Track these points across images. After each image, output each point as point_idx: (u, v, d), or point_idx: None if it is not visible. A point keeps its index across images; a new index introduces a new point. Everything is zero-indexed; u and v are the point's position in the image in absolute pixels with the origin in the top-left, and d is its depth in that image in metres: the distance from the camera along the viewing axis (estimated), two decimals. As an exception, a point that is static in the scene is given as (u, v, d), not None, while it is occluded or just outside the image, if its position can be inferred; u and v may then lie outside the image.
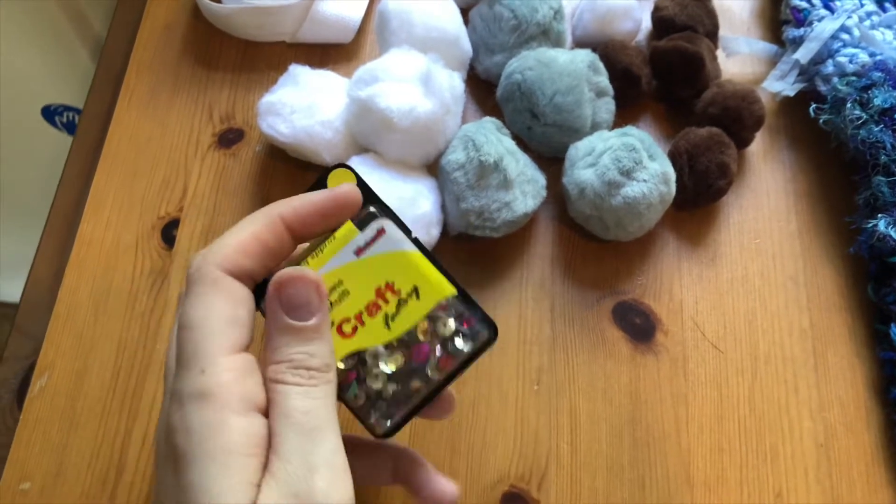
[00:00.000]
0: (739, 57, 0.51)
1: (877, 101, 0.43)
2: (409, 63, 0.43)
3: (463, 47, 0.48)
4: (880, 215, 0.42)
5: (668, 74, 0.48)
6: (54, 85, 0.62)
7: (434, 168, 0.44)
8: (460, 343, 0.29)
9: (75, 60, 0.61)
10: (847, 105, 0.44)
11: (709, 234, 0.46)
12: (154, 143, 0.48)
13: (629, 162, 0.41)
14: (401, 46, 0.45)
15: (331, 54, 0.51)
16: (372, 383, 0.29)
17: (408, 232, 0.30)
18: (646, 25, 0.51)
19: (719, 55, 0.49)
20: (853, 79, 0.45)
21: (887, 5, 0.49)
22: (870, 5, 0.48)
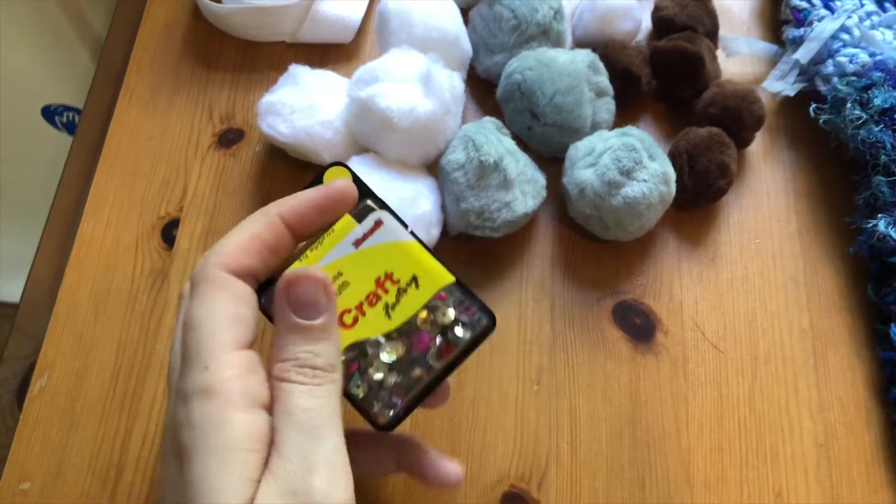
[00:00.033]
0: (739, 57, 0.51)
1: (877, 101, 0.43)
2: (409, 63, 0.43)
3: (463, 47, 0.48)
4: (880, 215, 0.42)
5: (668, 74, 0.48)
6: (54, 85, 0.62)
7: (434, 168, 0.44)
8: (460, 331, 0.30)
9: (75, 60, 0.61)
10: (847, 105, 0.44)
11: (709, 234, 0.46)
12: (154, 143, 0.48)
13: (629, 162, 0.41)
14: (401, 46, 0.45)
15: (331, 54, 0.51)
16: (373, 373, 0.29)
17: (404, 225, 0.30)
18: (646, 25, 0.51)
19: (719, 55, 0.49)
20: (853, 79, 0.45)
21: (887, 5, 0.49)
22: (870, 5, 0.48)
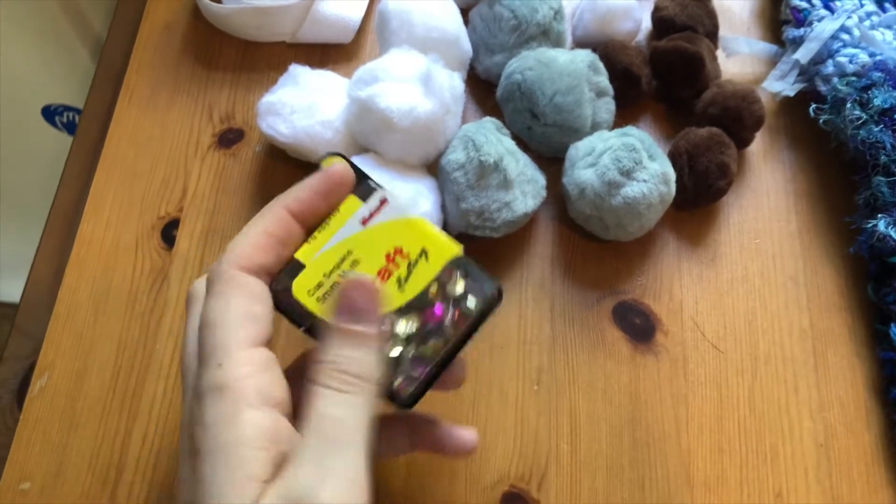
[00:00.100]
0: (739, 57, 0.51)
1: (877, 101, 0.43)
2: (409, 63, 0.43)
3: (463, 47, 0.48)
4: (880, 215, 0.42)
5: (668, 74, 0.48)
6: (54, 85, 0.62)
7: (434, 168, 0.44)
8: (472, 300, 0.30)
9: (75, 60, 0.61)
10: (847, 105, 0.44)
11: (709, 235, 0.46)
12: (154, 142, 0.48)
13: (629, 162, 0.41)
14: (401, 46, 0.45)
15: (331, 54, 0.51)
16: (392, 348, 0.29)
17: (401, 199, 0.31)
18: (646, 25, 0.51)
19: (719, 55, 0.49)
20: (853, 79, 0.45)
21: (887, 5, 0.49)
22: (870, 5, 0.48)
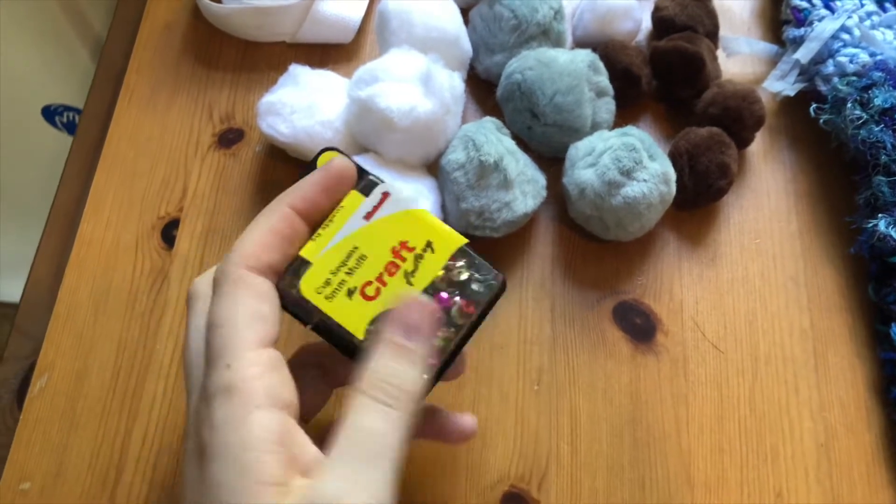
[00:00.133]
0: (740, 57, 0.51)
1: (877, 100, 0.43)
2: (410, 63, 0.43)
3: (463, 47, 0.47)
4: (881, 215, 0.42)
5: (668, 74, 0.48)
6: (54, 85, 0.62)
7: (434, 168, 0.44)
8: (478, 288, 0.30)
9: (75, 60, 0.61)
10: (847, 105, 0.44)
11: (709, 235, 0.46)
12: (154, 142, 0.48)
13: (629, 162, 0.41)
14: (401, 46, 0.45)
15: (331, 54, 0.51)
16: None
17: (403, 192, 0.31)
18: (646, 25, 0.51)
19: (719, 55, 0.49)
20: (854, 79, 0.45)
21: (887, 5, 0.48)
22: (870, 5, 0.48)
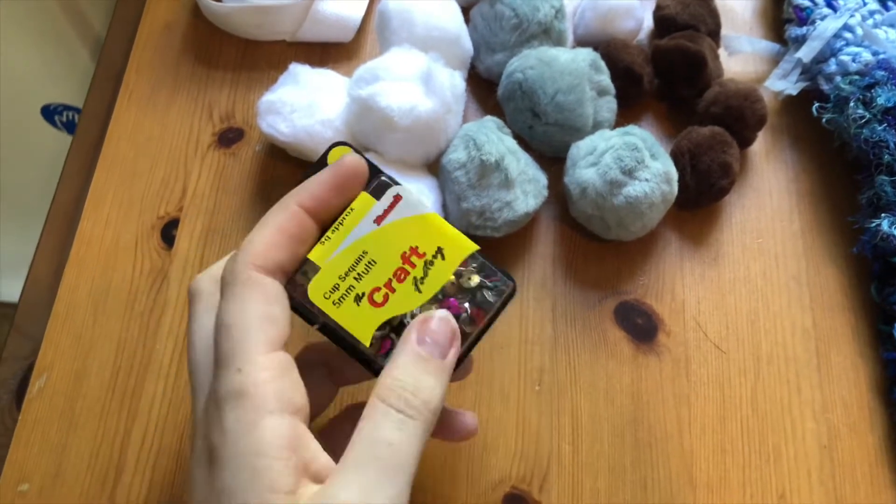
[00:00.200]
0: (742, 56, 0.51)
1: (880, 99, 0.42)
2: (410, 62, 0.43)
3: (464, 46, 0.47)
4: (883, 215, 0.42)
5: (670, 73, 0.47)
6: (54, 84, 0.62)
7: (435, 167, 0.44)
8: (488, 296, 0.30)
9: (75, 59, 0.61)
10: (850, 104, 0.43)
11: (711, 234, 0.46)
12: (153, 142, 0.48)
13: (631, 161, 0.41)
14: (401, 45, 0.45)
15: (331, 53, 0.51)
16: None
17: (416, 196, 0.31)
18: (647, 24, 0.51)
19: (721, 54, 0.49)
20: (856, 78, 0.44)
21: (890, 4, 0.48)
22: (872, 4, 0.48)
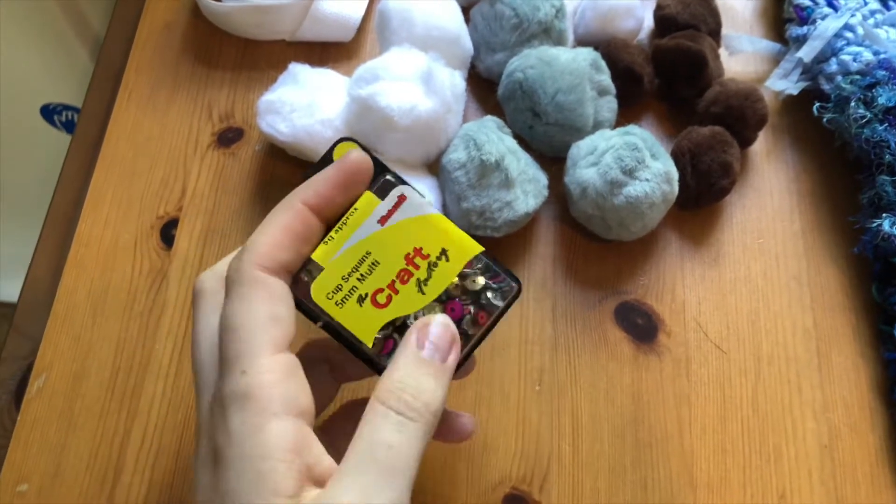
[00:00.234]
0: (742, 55, 0.51)
1: (881, 99, 0.42)
2: (410, 61, 0.43)
3: (464, 46, 0.47)
4: (885, 215, 0.42)
5: (670, 73, 0.47)
6: (53, 84, 0.62)
7: (435, 167, 0.44)
8: (493, 297, 0.30)
9: (74, 59, 0.61)
10: (851, 104, 0.43)
11: (712, 234, 0.46)
12: (153, 142, 0.48)
13: (631, 161, 0.41)
14: (401, 45, 0.44)
15: (331, 53, 0.51)
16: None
17: (421, 196, 0.30)
18: (648, 24, 0.51)
19: (722, 53, 0.49)
20: (857, 77, 0.44)
21: (891, 3, 0.48)
22: (873, 3, 0.48)
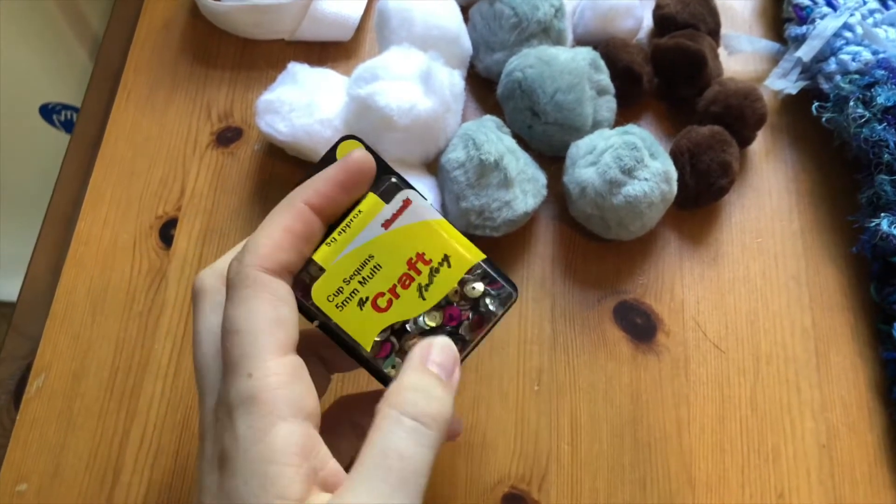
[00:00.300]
0: (741, 55, 0.51)
1: (880, 99, 0.42)
2: (409, 61, 0.43)
3: (463, 45, 0.47)
4: (883, 214, 0.42)
5: (669, 72, 0.47)
6: (52, 83, 0.62)
7: (434, 167, 0.44)
8: (491, 304, 0.30)
9: (73, 59, 0.61)
10: (850, 103, 0.43)
11: (710, 234, 0.46)
12: (152, 141, 0.48)
13: (630, 160, 0.41)
14: (401, 44, 0.44)
15: (330, 52, 0.51)
16: (409, 351, 0.29)
17: (425, 199, 0.30)
18: (647, 23, 0.51)
19: (721, 53, 0.49)
20: (856, 77, 0.44)
21: (890, 3, 0.48)
22: (872, 3, 0.48)
